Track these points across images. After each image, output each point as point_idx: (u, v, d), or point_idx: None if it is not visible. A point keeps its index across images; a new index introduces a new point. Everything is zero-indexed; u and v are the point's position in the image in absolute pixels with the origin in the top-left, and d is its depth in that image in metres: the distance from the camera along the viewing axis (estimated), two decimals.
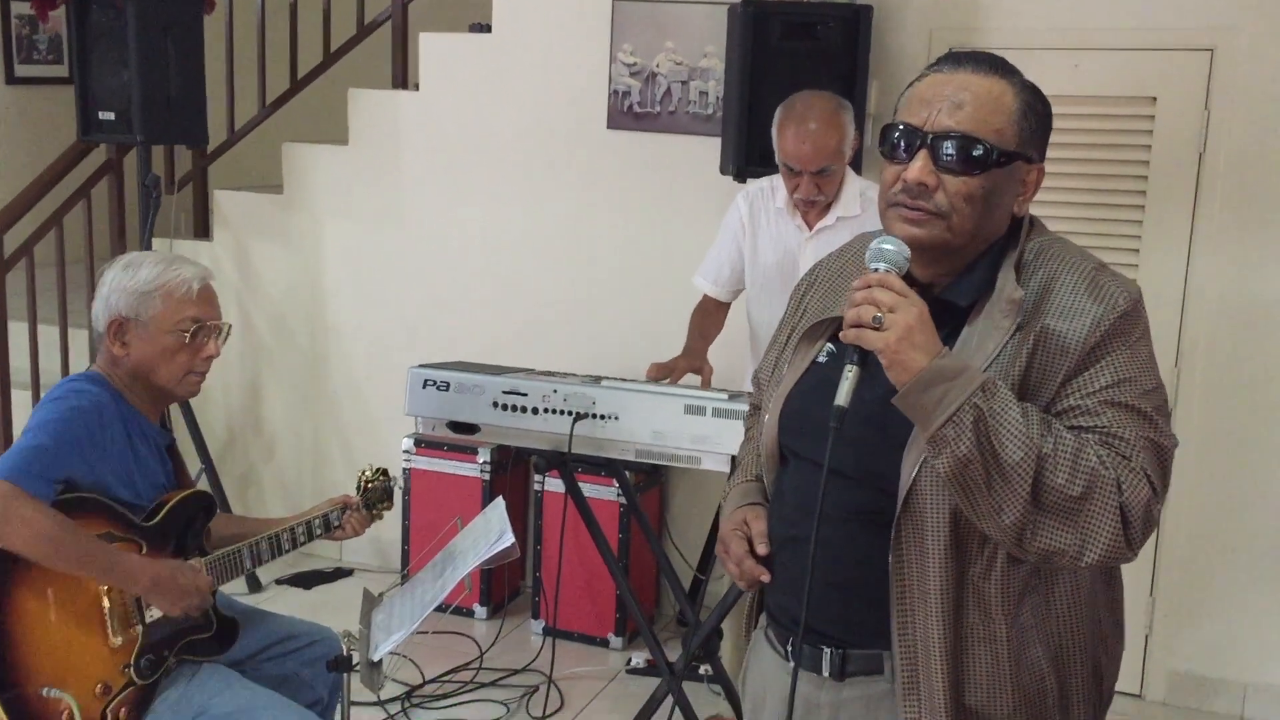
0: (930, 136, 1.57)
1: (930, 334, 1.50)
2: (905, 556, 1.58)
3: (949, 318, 1.61)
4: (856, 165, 3.60)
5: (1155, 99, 3.57)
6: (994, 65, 1.62)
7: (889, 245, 1.56)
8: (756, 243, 3.33)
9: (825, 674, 1.68)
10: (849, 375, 1.53)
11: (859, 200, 3.20)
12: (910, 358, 1.48)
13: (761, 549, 1.74)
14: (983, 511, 1.49)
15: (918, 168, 1.56)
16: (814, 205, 3.18)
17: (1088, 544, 1.48)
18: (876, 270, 1.54)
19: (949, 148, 1.56)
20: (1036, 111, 1.62)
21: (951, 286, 1.63)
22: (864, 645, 1.66)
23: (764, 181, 3.37)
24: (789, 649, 1.75)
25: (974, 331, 1.59)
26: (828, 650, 1.68)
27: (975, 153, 1.56)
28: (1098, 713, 1.69)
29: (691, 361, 3.41)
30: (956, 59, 1.64)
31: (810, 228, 3.23)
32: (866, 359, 1.53)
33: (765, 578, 1.73)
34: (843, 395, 1.52)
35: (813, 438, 1.64)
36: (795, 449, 1.73)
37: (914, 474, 1.55)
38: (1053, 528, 1.48)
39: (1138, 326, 1.58)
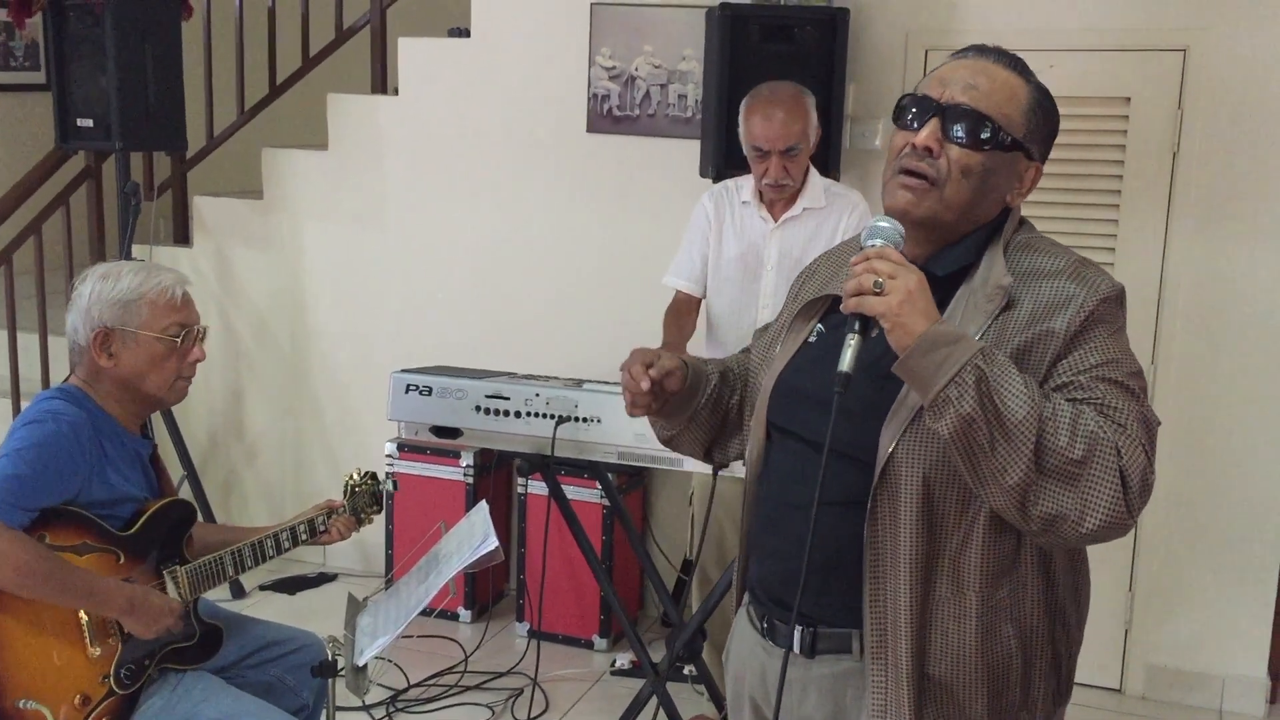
0: (943, 107, 1.64)
1: (929, 301, 1.54)
2: (879, 527, 1.61)
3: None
4: (835, 163, 3.64)
5: (1129, 99, 3.60)
6: (1014, 63, 1.70)
7: (884, 223, 1.62)
8: (721, 236, 3.39)
9: (796, 651, 1.72)
10: (851, 343, 1.55)
11: (824, 194, 3.29)
12: (912, 320, 1.51)
13: (655, 373, 1.81)
14: (986, 474, 1.51)
15: (926, 133, 1.63)
16: (782, 190, 3.24)
17: (1089, 508, 1.50)
18: (873, 245, 1.59)
19: (958, 119, 1.63)
20: (1044, 111, 1.69)
21: (933, 258, 1.68)
22: (834, 624, 1.70)
23: (729, 181, 3.44)
24: (765, 625, 1.79)
25: (957, 311, 1.63)
26: (798, 628, 1.72)
27: (982, 131, 1.62)
28: (1057, 699, 1.72)
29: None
30: (982, 49, 1.71)
31: (776, 219, 3.29)
32: (867, 327, 1.56)
33: (644, 384, 1.79)
34: (846, 362, 1.54)
35: (802, 413, 1.69)
36: (784, 425, 1.76)
37: (891, 448, 1.59)
38: (1055, 492, 1.50)
39: (1120, 315, 1.64)
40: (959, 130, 1.63)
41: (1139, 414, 1.57)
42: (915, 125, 1.65)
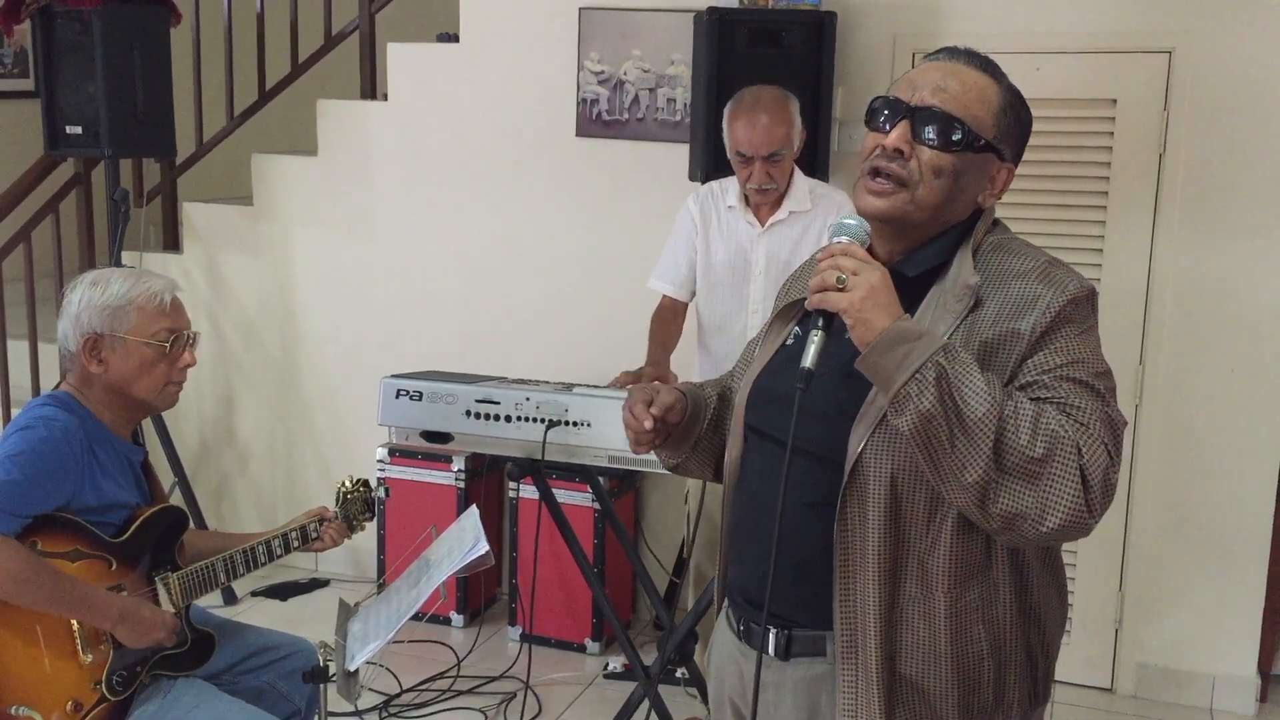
0: (913, 109, 1.65)
1: (892, 297, 1.55)
2: (849, 526, 1.62)
3: (899, 290, 1.65)
4: (824, 167, 3.65)
5: (1115, 101, 3.62)
6: (985, 64, 1.71)
7: (850, 221, 1.63)
8: (708, 241, 3.39)
9: (771, 653, 1.73)
10: (814, 339, 1.56)
11: (809, 196, 3.30)
12: (874, 316, 1.52)
13: (655, 410, 1.81)
14: (946, 471, 1.51)
15: (896, 135, 1.64)
16: (767, 195, 3.25)
17: (1049, 507, 1.50)
18: (839, 242, 1.60)
19: (928, 121, 1.64)
20: (1016, 112, 1.70)
21: (904, 259, 1.69)
22: (808, 626, 1.70)
23: (713, 184, 3.44)
24: (742, 629, 1.81)
25: (928, 312, 1.63)
26: (773, 630, 1.73)
27: (952, 131, 1.63)
28: (1034, 701, 1.72)
29: (658, 371, 3.45)
30: (953, 51, 1.72)
31: (763, 224, 3.30)
32: (831, 324, 1.57)
33: (647, 424, 1.80)
34: (809, 358, 1.55)
35: (777, 414, 1.69)
36: (760, 427, 1.77)
37: (860, 448, 1.59)
38: (1015, 490, 1.50)
39: (1089, 315, 1.64)
40: (929, 132, 1.63)
41: (1103, 414, 1.56)
42: (886, 127, 1.66)
